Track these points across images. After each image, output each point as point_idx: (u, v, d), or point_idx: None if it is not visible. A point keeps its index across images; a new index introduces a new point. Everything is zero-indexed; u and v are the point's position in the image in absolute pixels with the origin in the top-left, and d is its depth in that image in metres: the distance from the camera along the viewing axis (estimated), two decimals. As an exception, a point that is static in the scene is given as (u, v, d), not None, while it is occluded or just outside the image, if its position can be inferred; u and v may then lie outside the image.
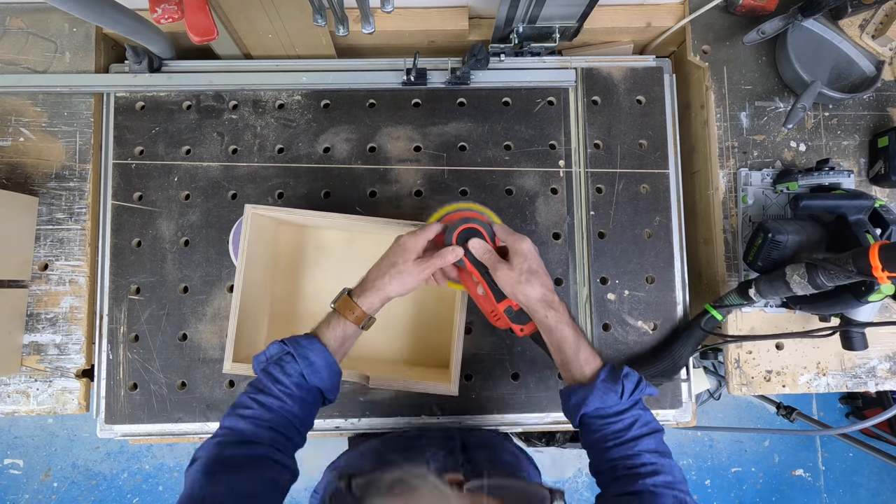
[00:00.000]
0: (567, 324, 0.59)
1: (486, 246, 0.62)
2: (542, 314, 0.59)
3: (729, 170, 0.84)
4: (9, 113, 0.84)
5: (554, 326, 0.59)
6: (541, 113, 0.86)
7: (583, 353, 0.59)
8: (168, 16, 0.69)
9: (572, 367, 0.59)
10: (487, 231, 0.63)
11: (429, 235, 0.63)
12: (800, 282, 0.64)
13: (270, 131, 0.84)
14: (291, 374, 0.56)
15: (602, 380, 0.57)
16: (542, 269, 0.61)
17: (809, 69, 0.80)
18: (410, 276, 0.60)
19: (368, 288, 0.61)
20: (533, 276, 0.59)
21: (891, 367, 0.82)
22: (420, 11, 0.86)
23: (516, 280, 0.59)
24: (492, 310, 0.65)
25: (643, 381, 0.58)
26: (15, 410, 0.80)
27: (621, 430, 0.55)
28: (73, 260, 0.82)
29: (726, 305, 0.75)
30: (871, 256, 0.56)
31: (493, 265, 0.61)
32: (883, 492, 1.86)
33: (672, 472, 0.54)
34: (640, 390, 0.58)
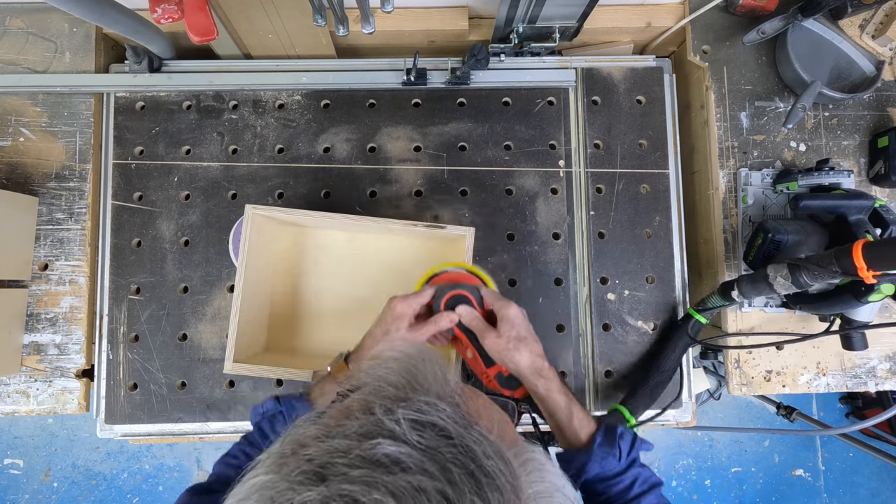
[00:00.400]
0: (558, 391, 0.60)
1: (474, 313, 0.62)
2: (531, 382, 0.59)
3: (729, 170, 0.84)
4: (9, 113, 0.84)
5: (545, 395, 0.60)
6: (541, 113, 0.86)
7: (576, 419, 0.60)
8: (168, 16, 0.69)
9: (567, 433, 0.60)
10: (475, 296, 0.62)
11: (421, 301, 0.62)
12: (783, 283, 0.63)
13: (270, 131, 0.84)
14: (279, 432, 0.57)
15: (598, 444, 0.58)
16: (530, 335, 0.61)
17: (809, 69, 0.80)
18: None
19: (364, 355, 0.61)
20: (521, 344, 0.59)
21: (891, 367, 0.82)
22: (420, 11, 0.86)
23: (504, 347, 0.59)
24: (482, 372, 0.65)
25: (638, 439, 0.60)
26: (15, 410, 0.80)
27: (623, 491, 0.56)
28: (73, 260, 0.82)
29: (709, 308, 0.75)
30: (855, 256, 0.55)
31: (481, 332, 0.61)
32: (883, 492, 1.86)
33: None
34: (637, 449, 0.59)
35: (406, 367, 0.31)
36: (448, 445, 0.25)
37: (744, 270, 0.81)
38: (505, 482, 0.24)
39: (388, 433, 0.24)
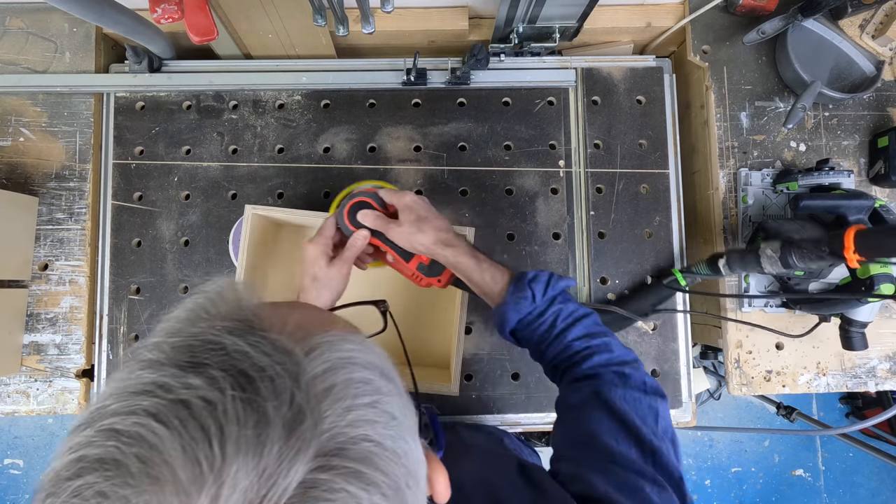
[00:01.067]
0: (464, 253, 0.60)
1: (375, 213, 0.61)
2: (441, 255, 0.60)
3: (729, 170, 0.84)
4: (9, 113, 0.84)
5: (454, 262, 0.60)
6: (541, 113, 0.86)
7: (487, 275, 0.60)
8: (168, 16, 0.69)
9: (485, 290, 0.60)
10: (375, 199, 0.62)
11: (329, 233, 0.62)
12: (771, 257, 0.64)
13: (270, 131, 0.85)
14: None
15: (511, 293, 0.57)
16: (431, 214, 0.60)
17: (809, 69, 0.80)
18: (333, 280, 0.60)
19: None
20: (422, 223, 0.59)
21: (891, 367, 0.82)
22: (420, 11, 0.86)
23: (407, 232, 0.59)
24: (410, 273, 0.65)
25: (554, 277, 0.59)
26: (15, 410, 0.80)
27: (547, 330, 0.56)
28: (73, 260, 0.82)
29: (693, 272, 0.77)
30: (847, 238, 0.56)
31: (385, 227, 0.60)
32: (883, 492, 1.86)
33: (609, 348, 0.55)
34: (553, 287, 0.58)
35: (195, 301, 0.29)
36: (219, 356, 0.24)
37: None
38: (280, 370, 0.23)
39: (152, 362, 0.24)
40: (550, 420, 0.80)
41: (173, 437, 0.20)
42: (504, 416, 0.80)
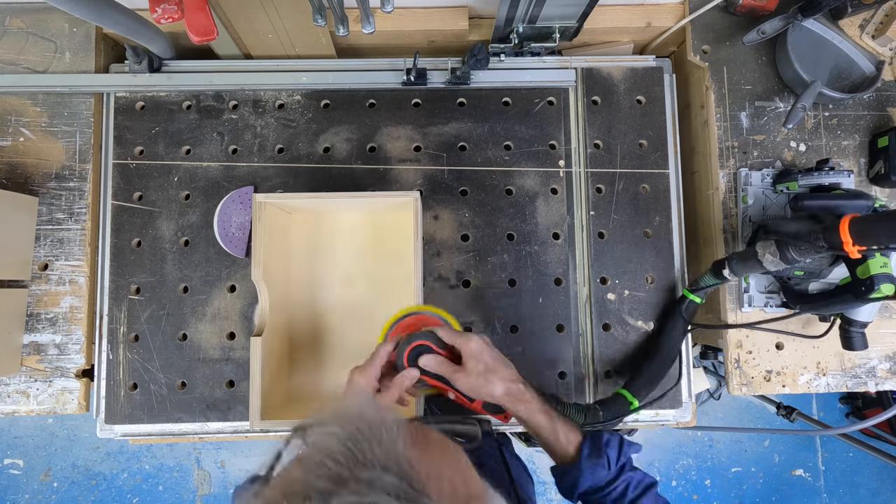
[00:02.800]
0: (539, 411, 0.60)
1: (438, 358, 0.61)
2: (512, 409, 0.60)
3: (729, 170, 0.84)
4: (9, 113, 0.84)
5: (527, 419, 0.60)
6: (541, 113, 0.86)
7: (562, 435, 0.60)
8: (168, 16, 0.69)
9: (555, 449, 0.61)
10: (433, 341, 0.61)
11: (378, 364, 0.61)
12: (772, 259, 0.64)
13: (270, 131, 0.84)
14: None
15: (586, 456, 0.58)
16: (498, 362, 0.60)
17: (809, 69, 0.80)
18: None
19: None
20: (491, 375, 0.58)
21: (891, 367, 0.82)
22: (420, 11, 0.86)
23: (476, 384, 0.59)
24: (470, 408, 0.65)
25: (625, 444, 0.60)
26: (15, 410, 0.80)
27: (618, 499, 0.57)
28: (73, 260, 0.82)
29: (703, 288, 0.76)
30: (842, 231, 0.55)
31: (451, 376, 0.60)
32: (883, 492, 1.86)
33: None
34: (625, 454, 0.59)
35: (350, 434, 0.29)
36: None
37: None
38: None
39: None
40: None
41: None
42: (504, 416, 0.79)
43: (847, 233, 0.55)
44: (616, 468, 0.58)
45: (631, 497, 0.57)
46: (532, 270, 0.82)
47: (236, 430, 0.79)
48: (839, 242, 0.56)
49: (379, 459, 0.27)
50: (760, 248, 0.65)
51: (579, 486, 0.58)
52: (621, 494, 0.57)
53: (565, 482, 0.60)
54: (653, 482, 0.59)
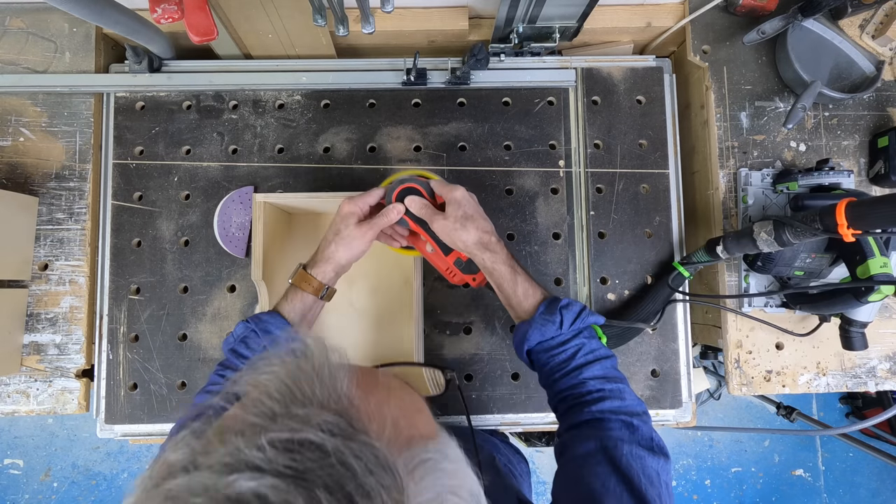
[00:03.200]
0: (503, 262, 0.60)
1: (423, 201, 0.62)
2: (479, 257, 0.60)
3: (729, 170, 0.84)
4: (9, 113, 0.84)
5: (491, 267, 0.60)
6: (541, 113, 0.86)
7: (521, 288, 0.59)
8: (168, 16, 0.69)
9: (513, 303, 0.60)
10: (425, 188, 0.63)
11: (369, 199, 0.62)
12: (766, 239, 0.64)
13: (270, 131, 0.85)
14: (255, 348, 0.57)
15: (541, 313, 0.57)
16: (478, 213, 0.61)
17: (809, 69, 0.80)
18: (356, 241, 0.60)
19: (319, 259, 0.62)
20: (468, 221, 0.59)
21: (891, 367, 0.82)
22: (420, 11, 0.86)
23: (451, 227, 0.59)
24: (445, 267, 0.66)
25: (585, 310, 0.58)
26: (15, 410, 0.80)
27: (565, 361, 0.55)
28: (73, 260, 0.82)
29: (694, 262, 0.77)
30: (838, 213, 0.55)
31: (431, 217, 0.61)
32: (883, 492, 1.86)
33: (621, 395, 0.54)
34: (582, 319, 0.57)
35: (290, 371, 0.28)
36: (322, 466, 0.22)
37: (744, 270, 0.81)
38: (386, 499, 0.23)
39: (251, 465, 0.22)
40: (550, 420, 0.80)
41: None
42: (504, 415, 0.80)
43: (843, 215, 0.55)
44: (570, 330, 0.56)
45: (580, 362, 0.55)
46: (532, 270, 0.82)
47: (236, 430, 0.79)
48: (834, 225, 0.55)
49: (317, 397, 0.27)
50: (757, 226, 0.65)
51: (528, 340, 0.57)
52: (570, 357, 0.55)
53: (517, 336, 0.59)
54: (609, 355, 0.57)
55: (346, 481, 0.22)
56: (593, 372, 0.54)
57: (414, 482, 0.25)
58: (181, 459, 0.24)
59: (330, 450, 0.23)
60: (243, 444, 0.23)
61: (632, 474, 0.46)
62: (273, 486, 0.21)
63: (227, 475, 0.22)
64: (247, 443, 0.23)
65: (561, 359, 0.56)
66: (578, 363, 0.55)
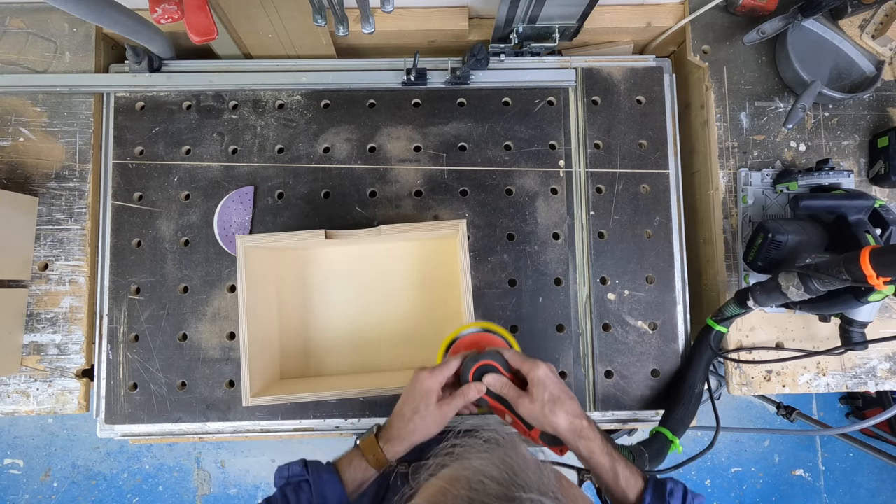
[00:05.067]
0: (600, 451, 0.58)
1: (503, 380, 0.61)
2: (573, 445, 0.58)
3: (729, 170, 0.84)
4: (9, 113, 0.84)
5: (587, 457, 0.58)
6: (541, 113, 0.86)
7: (622, 479, 0.58)
8: (168, 16, 0.69)
9: (615, 493, 0.58)
10: (500, 362, 0.62)
11: (447, 373, 0.61)
12: (796, 291, 0.64)
13: (270, 131, 0.84)
14: (303, 502, 0.56)
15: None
16: (564, 394, 0.59)
17: (809, 69, 0.80)
18: (434, 422, 0.59)
19: (395, 436, 0.60)
20: (556, 406, 0.57)
21: (891, 367, 0.82)
22: (420, 11, 0.86)
23: (539, 413, 0.58)
24: (525, 433, 0.64)
25: (689, 494, 0.57)
26: (15, 410, 0.80)
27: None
28: (73, 260, 0.82)
29: (727, 318, 0.75)
30: (864, 265, 0.55)
31: (514, 400, 0.59)
32: (883, 492, 1.86)
33: None
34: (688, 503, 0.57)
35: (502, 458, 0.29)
36: None
37: (743, 270, 0.81)
38: None
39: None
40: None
41: None
42: (504, 416, 0.79)
43: (868, 266, 0.55)
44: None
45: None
46: (532, 270, 0.82)
47: (236, 430, 0.79)
48: (863, 276, 0.55)
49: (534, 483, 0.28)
50: (783, 280, 0.64)
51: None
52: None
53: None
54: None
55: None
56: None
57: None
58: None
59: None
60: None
61: None
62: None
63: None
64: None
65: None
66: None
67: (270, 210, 0.82)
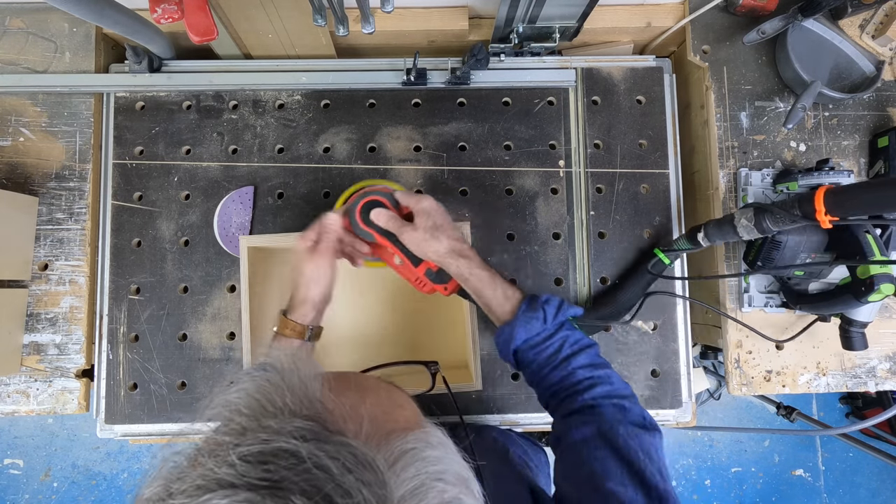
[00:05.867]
0: (479, 266, 0.60)
1: (389, 213, 0.61)
2: (454, 266, 0.60)
3: (729, 170, 0.84)
4: (9, 113, 0.84)
5: (467, 274, 0.60)
6: (541, 113, 0.86)
7: (500, 290, 0.59)
8: (168, 16, 0.69)
9: (494, 306, 0.60)
10: (390, 200, 0.62)
11: (315, 230, 0.61)
12: (746, 225, 0.64)
13: (270, 131, 0.84)
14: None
15: (523, 311, 0.58)
16: (447, 223, 0.61)
17: (809, 69, 0.80)
18: (315, 271, 0.59)
19: (295, 303, 0.61)
20: (438, 231, 0.59)
21: (891, 367, 0.82)
22: (420, 11, 0.86)
23: (422, 238, 0.59)
24: (415, 278, 0.65)
25: (564, 303, 0.59)
26: (15, 410, 0.80)
27: (553, 354, 0.56)
28: (73, 260, 0.82)
29: (675, 250, 0.76)
30: (816, 200, 0.55)
31: (399, 230, 0.60)
32: (883, 492, 1.86)
33: (609, 380, 0.55)
34: (563, 312, 0.58)
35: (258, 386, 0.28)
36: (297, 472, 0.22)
37: (744, 270, 0.81)
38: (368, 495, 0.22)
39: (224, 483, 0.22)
40: (549, 420, 0.80)
41: None
42: (504, 416, 0.80)
43: (821, 202, 0.55)
44: (553, 324, 0.57)
45: (566, 353, 0.56)
46: (532, 270, 0.82)
47: (236, 430, 0.79)
48: (812, 211, 0.55)
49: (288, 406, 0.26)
50: (738, 213, 0.65)
51: (515, 339, 0.57)
52: (556, 350, 0.56)
53: (502, 338, 0.59)
54: (592, 343, 0.58)
55: (324, 483, 0.22)
56: (580, 361, 0.56)
57: (395, 474, 0.25)
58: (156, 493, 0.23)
59: (304, 455, 0.23)
60: (214, 463, 0.23)
61: (630, 454, 0.47)
62: (247, 501, 0.21)
63: (200, 497, 0.21)
64: (217, 462, 0.23)
65: (548, 353, 0.56)
66: (565, 354, 0.56)
67: (270, 210, 0.82)
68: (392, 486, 0.24)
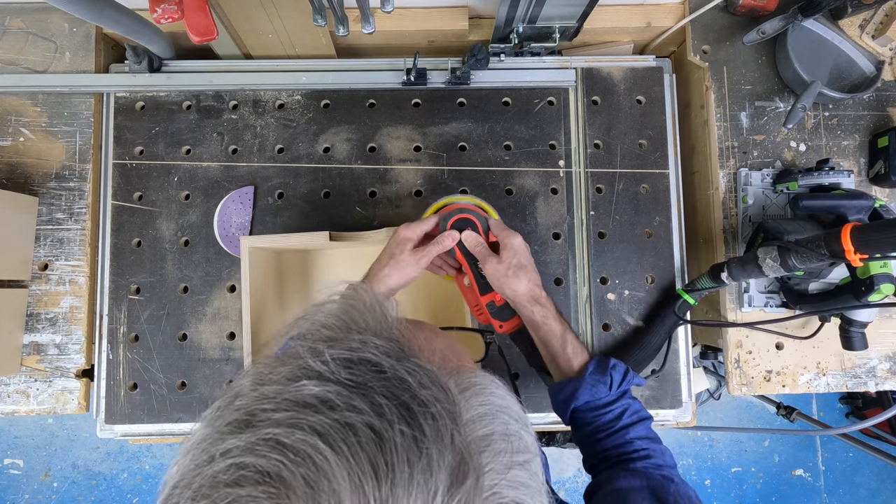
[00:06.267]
0: (554, 318, 0.60)
1: (479, 238, 0.62)
2: (528, 309, 0.60)
3: (729, 170, 0.84)
4: (9, 113, 0.84)
5: (541, 322, 0.60)
6: (541, 113, 0.86)
7: (570, 347, 0.60)
8: (168, 16, 0.69)
9: (560, 360, 0.60)
10: (482, 224, 0.63)
11: (426, 227, 0.63)
12: (772, 265, 0.63)
13: (270, 131, 0.84)
14: None
15: (590, 373, 0.58)
16: (530, 265, 0.61)
17: (809, 69, 0.80)
18: (409, 266, 0.60)
19: (371, 281, 0.61)
20: (521, 271, 0.59)
21: (891, 367, 0.82)
22: (420, 11, 0.86)
23: (503, 273, 0.59)
24: (475, 303, 0.66)
25: (630, 372, 0.60)
26: (15, 410, 0.80)
27: (612, 420, 0.56)
28: (73, 260, 0.82)
29: (698, 289, 0.76)
30: (843, 239, 0.55)
31: (483, 257, 0.61)
32: (883, 492, 1.86)
33: (663, 456, 0.55)
34: (628, 381, 0.59)
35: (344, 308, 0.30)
36: (379, 379, 0.24)
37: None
38: (441, 409, 0.23)
39: (314, 374, 0.24)
40: (550, 420, 0.80)
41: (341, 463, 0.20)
42: (504, 416, 0.79)
43: (849, 241, 0.55)
44: (617, 391, 0.58)
45: (626, 422, 0.56)
46: (532, 270, 0.82)
47: (236, 430, 0.79)
48: (841, 251, 0.55)
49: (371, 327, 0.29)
50: (762, 253, 0.65)
51: (577, 399, 0.57)
52: (616, 417, 0.56)
53: (563, 394, 0.59)
54: (649, 416, 0.59)
55: (402, 393, 0.24)
56: (639, 432, 0.56)
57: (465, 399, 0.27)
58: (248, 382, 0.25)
59: (386, 367, 0.25)
60: (309, 357, 0.25)
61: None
62: (338, 393, 0.23)
63: (294, 383, 0.23)
64: (312, 356, 0.25)
65: (607, 418, 0.56)
66: (625, 423, 0.56)
67: (270, 210, 0.82)
68: (462, 408, 0.25)
